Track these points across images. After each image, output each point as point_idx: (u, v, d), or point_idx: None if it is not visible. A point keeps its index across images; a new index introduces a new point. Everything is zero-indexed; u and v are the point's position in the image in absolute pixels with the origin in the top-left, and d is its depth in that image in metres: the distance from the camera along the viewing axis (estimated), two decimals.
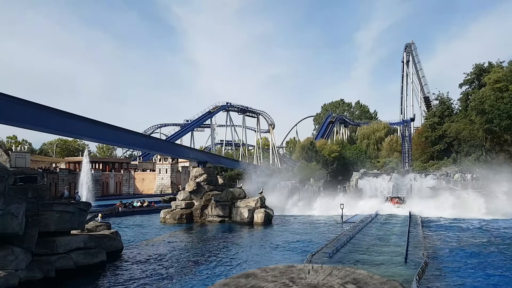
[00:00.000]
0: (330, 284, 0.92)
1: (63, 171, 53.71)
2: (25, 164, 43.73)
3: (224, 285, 0.95)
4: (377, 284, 0.91)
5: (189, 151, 37.36)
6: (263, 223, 28.34)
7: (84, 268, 14.34)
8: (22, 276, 12.02)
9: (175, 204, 31.50)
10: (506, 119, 43.89)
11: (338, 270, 1.01)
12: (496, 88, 49.88)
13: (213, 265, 15.96)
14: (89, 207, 16.79)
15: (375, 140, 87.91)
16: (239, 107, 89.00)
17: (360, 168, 68.04)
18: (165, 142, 40.19)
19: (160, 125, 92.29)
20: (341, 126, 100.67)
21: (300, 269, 1.03)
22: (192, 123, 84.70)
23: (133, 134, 25.09)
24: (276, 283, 0.95)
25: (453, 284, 12.61)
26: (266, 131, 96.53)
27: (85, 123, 19.46)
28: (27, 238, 12.88)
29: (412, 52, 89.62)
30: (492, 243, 19.91)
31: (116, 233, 18.53)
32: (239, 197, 31.19)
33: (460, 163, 55.50)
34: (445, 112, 66.59)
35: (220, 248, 19.65)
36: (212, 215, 30.32)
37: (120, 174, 63.37)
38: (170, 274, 14.51)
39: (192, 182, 32.03)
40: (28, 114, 15.94)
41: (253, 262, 16.63)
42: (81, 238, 15.33)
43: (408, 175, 59.44)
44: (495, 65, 58.48)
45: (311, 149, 69.68)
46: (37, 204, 14.49)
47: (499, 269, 14.61)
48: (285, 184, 49.59)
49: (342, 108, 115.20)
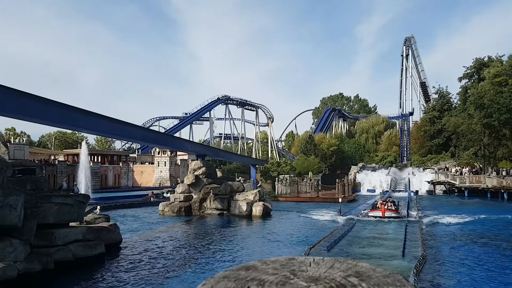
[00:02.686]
0: (332, 277, 0.91)
1: (61, 163, 53.65)
2: (24, 156, 43.69)
3: (224, 277, 0.94)
4: (380, 277, 0.90)
5: (188, 144, 37.32)
6: (262, 216, 28.44)
7: (82, 260, 14.37)
8: (21, 268, 12.04)
9: (174, 197, 31.56)
10: (505, 113, 43.88)
11: (340, 262, 0.99)
12: (495, 83, 49.87)
13: (212, 257, 16.01)
14: (87, 199, 16.79)
15: (374, 134, 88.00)
16: (238, 100, 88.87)
17: (359, 162, 68.21)
18: (163, 135, 40.14)
19: (159, 118, 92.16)
20: (340, 120, 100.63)
21: (301, 262, 1.01)
22: (191, 116, 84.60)
23: (132, 127, 25.03)
24: (277, 275, 0.93)
25: (451, 277, 12.67)
26: (265, 125, 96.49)
27: (83, 115, 19.39)
28: (26, 230, 12.88)
29: (411, 46, 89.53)
30: (490, 237, 19.98)
31: (115, 225, 18.56)
32: (237, 191, 31.25)
33: (458, 157, 55.65)
34: (444, 106, 66.65)
35: (219, 241, 19.71)
36: (211, 208, 30.39)
37: (118, 167, 63.33)
38: (169, 266, 14.55)
39: (190, 175, 32.04)
40: (25, 106, 15.87)
41: (252, 254, 16.69)
42: (79, 230, 15.34)
43: (406, 169, 59.69)
44: (494, 59, 58.42)
45: (309, 143, 69.78)
46: (35, 196, 14.47)
47: (496, 262, 14.68)
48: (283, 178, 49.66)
49: (341, 102, 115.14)
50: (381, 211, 25.05)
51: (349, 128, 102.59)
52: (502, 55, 57.76)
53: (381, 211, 25.06)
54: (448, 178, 49.17)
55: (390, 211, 25.13)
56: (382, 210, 25.09)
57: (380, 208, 25.44)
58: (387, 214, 24.87)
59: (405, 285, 0.86)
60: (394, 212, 25.23)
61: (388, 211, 25.06)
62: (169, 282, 12.57)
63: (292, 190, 46.90)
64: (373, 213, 25.51)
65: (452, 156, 60.42)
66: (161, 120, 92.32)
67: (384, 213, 24.89)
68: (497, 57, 58.31)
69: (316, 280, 0.89)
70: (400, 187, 52.65)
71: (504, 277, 12.78)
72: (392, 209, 25.36)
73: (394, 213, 25.18)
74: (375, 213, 25.33)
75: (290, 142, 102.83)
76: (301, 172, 58.28)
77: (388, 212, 25.03)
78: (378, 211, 25.32)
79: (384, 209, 25.10)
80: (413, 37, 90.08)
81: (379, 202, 27.27)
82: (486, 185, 42.65)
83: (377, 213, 25.17)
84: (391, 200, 27.64)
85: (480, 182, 43.90)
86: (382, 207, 25.33)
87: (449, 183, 48.59)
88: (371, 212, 25.89)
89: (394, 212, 25.18)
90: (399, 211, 25.87)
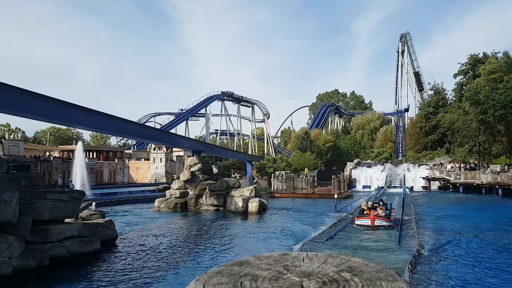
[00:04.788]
0: (325, 272, 0.91)
1: (56, 159, 53.41)
2: (19, 152, 43.47)
3: (217, 273, 0.94)
4: (373, 272, 0.90)
5: (184, 140, 37.26)
6: (258, 212, 28.49)
7: (78, 257, 14.35)
8: (16, 264, 12.01)
9: (170, 193, 31.52)
10: (500, 109, 44.07)
11: (333, 258, 0.99)
12: (491, 79, 50.03)
13: (208, 253, 16.03)
14: (83, 196, 16.75)
15: (370, 130, 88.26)
16: (234, 97, 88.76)
17: (354, 158, 68.40)
18: (159, 131, 40.05)
19: (154, 114, 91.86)
20: (336, 116, 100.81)
21: (294, 257, 1.01)
22: (187, 112, 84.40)
23: (127, 123, 24.92)
24: (270, 271, 0.93)
25: (446, 272, 12.75)
26: (261, 121, 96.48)
27: (78, 110, 19.28)
28: (21, 226, 12.84)
29: (407, 42, 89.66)
30: (486, 231, 20.12)
31: (110, 222, 18.54)
32: (233, 187, 31.26)
33: (453, 153, 55.90)
34: (439, 102, 66.83)
35: (215, 237, 19.73)
36: (207, 204, 30.39)
37: (114, 163, 63.16)
38: (164, 262, 14.56)
39: (186, 171, 32.02)
40: (19, 101, 15.75)
41: (248, 250, 16.72)
42: (75, 227, 15.31)
43: (401, 165, 59.88)
44: (490, 56, 58.57)
45: (305, 139, 69.84)
46: (30, 192, 14.42)
47: (492, 256, 14.78)
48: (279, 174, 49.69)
49: (337, 98, 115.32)
50: (369, 219, 20.64)
51: (345, 124, 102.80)
52: (497, 52, 57.98)
53: (369, 218, 20.68)
54: (443, 174, 49.40)
55: (381, 219, 20.78)
56: (371, 217, 20.65)
57: (369, 215, 21.00)
58: (377, 223, 20.48)
59: (397, 279, 0.86)
60: (386, 220, 20.94)
61: (378, 218, 20.72)
62: (164, 278, 12.60)
63: (288, 186, 46.97)
64: (360, 221, 21.04)
65: (447, 152, 60.67)
66: (157, 116, 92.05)
67: (374, 221, 20.50)
68: (493, 53, 58.50)
69: (309, 275, 0.89)
70: (396, 183, 52.83)
71: (500, 272, 12.88)
72: (384, 216, 21.06)
73: (386, 221, 20.86)
74: (363, 221, 20.91)
75: (286, 138, 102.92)
76: (297, 168, 58.35)
77: (379, 220, 20.65)
78: (366, 219, 20.86)
79: (374, 216, 20.70)
80: (409, 33, 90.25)
81: (366, 206, 22.32)
82: (481, 181, 42.90)
83: (365, 221, 20.78)
84: (382, 204, 22.57)
85: (475, 178, 44.14)
86: (372, 214, 20.88)
87: (444, 179, 48.82)
88: (358, 219, 21.34)
89: (385, 220, 20.90)
90: (391, 218, 21.48)
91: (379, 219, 20.64)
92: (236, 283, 0.87)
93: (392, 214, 21.97)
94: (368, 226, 20.45)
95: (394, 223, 21.18)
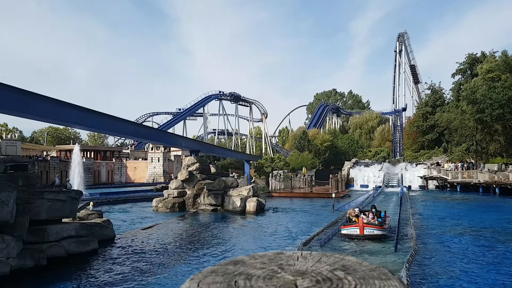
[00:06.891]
0: (319, 270, 0.92)
1: (54, 159, 53.33)
2: (16, 152, 43.36)
3: (212, 272, 0.94)
4: (366, 270, 0.91)
5: (181, 140, 37.21)
6: (255, 211, 28.47)
7: (75, 256, 14.34)
8: (14, 264, 11.99)
9: (168, 193, 31.48)
10: (497, 108, 44.15)
11: (327, 257, 1.00)
12: (488, 78, 50.13)
13: (205, 253, 16.03)
14: (80, 195, 16.72)
15: (367, 129, 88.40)
16: (232, 96, 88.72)
17: (352, 157, 68.46)
18: (157, 131, 40.00)
19: (152, 113, 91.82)
20: (333, 116, 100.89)
21: (289, 256, 1.02)
22: (185, 112, 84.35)
23: (124, 122, 24.87)
24: (265, 270, 0.94)
25: (443, 271, 12.79)
26: (259, 120, 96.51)
27: (75, 110, 19.22)
28: (18, 226, 12.81)
29: (404, 42, 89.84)
30: (485, 231, 20.18)
31: (108, 221, 18.52)
32: (231, 186, 31.24)
33: (451, 152, 56.02)
34: (437, 101, 66.93)
35: (212, 236, 19.73)
36: (205, 203, 30.36)
37: (111, 163, 63.10)
38: (161, 261, 14.56)
39: (184, 171, 31.98)
40: (15, 100, 15.69)
41: (245, 250, 16.73)
42: (72, 226, 15.29)
43: (399, 164, 59.98)
44: (487, 55, 58.70)
45: (303, 139, 69.87)
46: (28, 192, 14.39)
47: (490, 255, 14.84)
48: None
49: (335, 98, 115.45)
50: (358, 227, 17.76)
51: (342, 123, 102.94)
52: (495, 51, 58.07)
53: (358, 227, 17.78)
54: (441, 173, 49.50)
55: (372, 227, 17.91)
56: (359, 225, 17.73)
57: (358, 222, 18.02)
58: (367, 232, 17.70)
59: (390, 278, 0.87)
60: (378, 228, 18.04)
61: (368, 226, 17.83)
62: (162, 277, 12.59)
63: (285, 186, 46.97)
64: (347, 230, 18.17)
65: (444, 151, 60.79)
66: (155, 115, 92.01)
67: (363, 229, 17.66)
68: (491, 52, 58.60)
69: (303, 273, 0.89)
70: (393, 182, 52.92)
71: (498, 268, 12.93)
72: (375, 224, 18.12)
73: (378, 229, 18.01)
74: (350, 230, 18.09)
75: (284, 138, 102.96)
76: (295, 168, 58.39)
77: (369, 228, 17.79)
78: (354, 227, 17.98)
79: (363, 224, 17.79)
80: (407, 32, 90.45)
81: (353, 214, 19.13)
82: (478, 180, 43.00)
83: (353, 230, 17.96)
84: (374, 211, 19.39)
85: (472, 177, 44.25)
86: (360, 221, 17.95)
87: (442, 178, 48.92)
88: (345, 228, 18.40)
89: (378, 228, 18.00)
90: (385, 227, 18.58)
91: (369, 227, 17.81)
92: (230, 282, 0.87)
93: (386, 222, 19.16)
94: (357, 235, 17.79)
95: (389, 232, 18.71)
